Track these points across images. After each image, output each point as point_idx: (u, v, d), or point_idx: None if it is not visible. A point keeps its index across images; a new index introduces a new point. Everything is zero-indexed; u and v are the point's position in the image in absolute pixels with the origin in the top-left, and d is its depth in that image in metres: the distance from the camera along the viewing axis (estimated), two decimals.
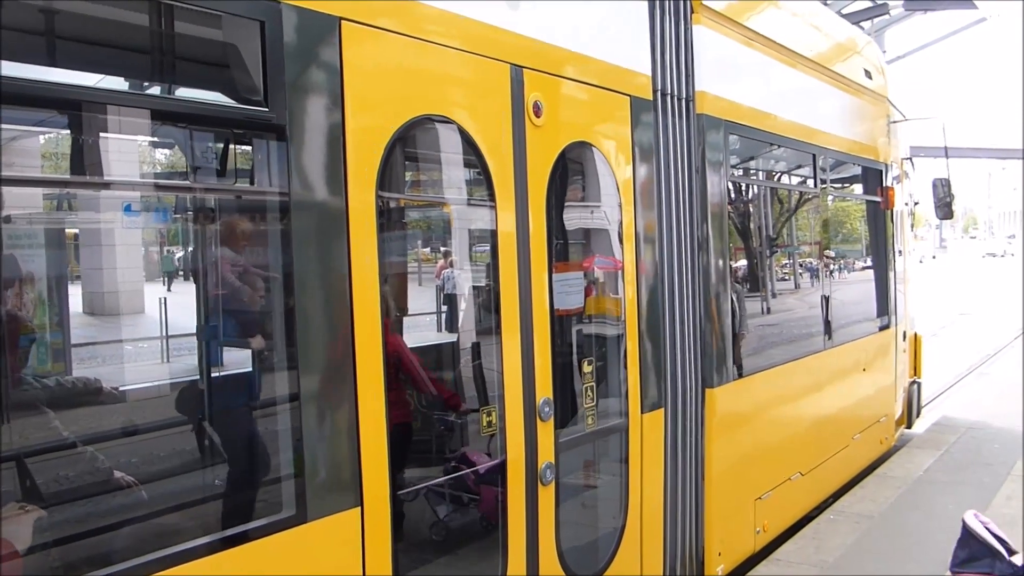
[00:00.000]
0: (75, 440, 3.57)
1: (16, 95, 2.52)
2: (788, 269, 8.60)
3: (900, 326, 10.02)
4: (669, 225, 5.45)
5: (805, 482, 7.31)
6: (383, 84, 3.52)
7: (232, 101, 3.11)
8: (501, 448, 4.06)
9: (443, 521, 4.59)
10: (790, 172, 8.49)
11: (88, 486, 3.51)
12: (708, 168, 5.81)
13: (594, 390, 4.81)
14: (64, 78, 2.88)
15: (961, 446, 9.81)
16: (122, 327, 5.53)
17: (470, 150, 3.94)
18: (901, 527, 7.21)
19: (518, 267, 4.13)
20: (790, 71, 7.27)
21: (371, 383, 3.36)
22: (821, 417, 7.79)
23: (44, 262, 4.26)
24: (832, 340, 8.18)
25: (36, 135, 3.96)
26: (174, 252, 4.99)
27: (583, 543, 4.86)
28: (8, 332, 3.43)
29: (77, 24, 2.91)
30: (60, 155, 3.92)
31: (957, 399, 13.84)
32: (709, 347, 5.83)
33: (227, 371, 4.10)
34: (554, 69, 4.43)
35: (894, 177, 9.87)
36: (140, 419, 4.19)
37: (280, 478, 3.26)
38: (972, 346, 20.03)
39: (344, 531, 3.28)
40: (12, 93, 2.48)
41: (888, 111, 9.81)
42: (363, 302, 3.33)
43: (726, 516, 6.06)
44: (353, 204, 3.30)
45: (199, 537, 2.92)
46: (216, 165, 3.22)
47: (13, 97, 2.52)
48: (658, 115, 5.35)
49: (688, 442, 5.65)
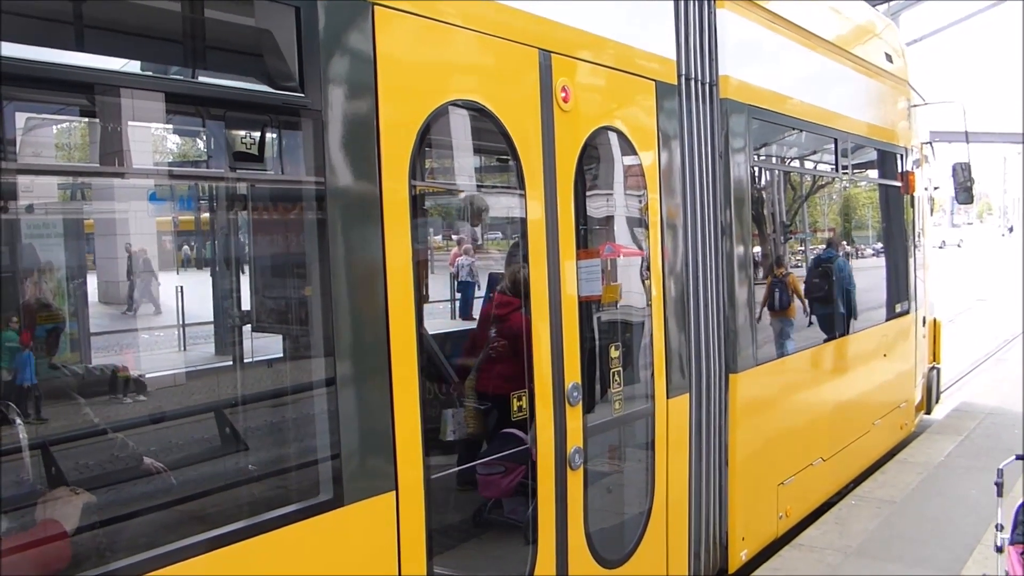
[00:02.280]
0: (106, 427, 3.62)
1: (52, 80, 2.54)
2: (809, 255, 8.58)
3: (920, 312, 9.99)
4: (693, 211, 5.44)
5: (827, 467, 7.31)
6: (415, 69, 3.52)
7: (268, 88, 3.11)
8: (531, 433, 4.08)
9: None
10: (812, 157, 8.45)
11: (120, 472, 3.55)
12: (731, 153, 5.80)
13: (621, 375, 4.82)
14: (99, 64, 2.88)
15: (982, 432, 9.78)
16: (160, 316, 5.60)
17: (500, 136, 3.95)
18: (924, 512, 7.21)
19: (547, 253, 4.13)
20: (812, 55, 7.23)
21: (405, 368, 3.37)
22: (843, 402, 7.79)
23: (64, 251, 4.31)
24: (854, 326, 8.17)
25: (71, 122, 4.00)
26: (210, 239, 5.01)
27: (610, 527, 4.88)
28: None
29: (113, 12, 2.93)
30: (90, 143, 3.95)
31: (976, 385, 13.80)
32: (732, 332, 5.83)
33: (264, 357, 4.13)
34: (581, 54, 4.43)
35: (914, 161, 9.82)
36: (181, 404, 4.24)
37: (317, 463, 3.28)
38: (989, 332, 19.94)
39: (380, 515, 3.30)
40: (48, 79, 2.50)
41: (909, 95, 9.75)
42: (397, 287, 3.34)
43: (749, 501, 6.07)
44: (387, 188, 3.31)
45: (238, 520, 2.95)
46: (253, 151, 3.23)
47: (50, 83, 2.54)
48: (682, 100, 5.33)
49: (712, 427, 5.66)
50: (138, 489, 3.54)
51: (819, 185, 8.62)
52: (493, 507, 4.64)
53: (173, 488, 3.51)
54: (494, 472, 4.43)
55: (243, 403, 4.12)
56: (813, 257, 8.43)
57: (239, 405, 4.08)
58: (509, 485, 4.37)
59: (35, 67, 2.42)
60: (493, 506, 4.64)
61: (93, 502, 2.83)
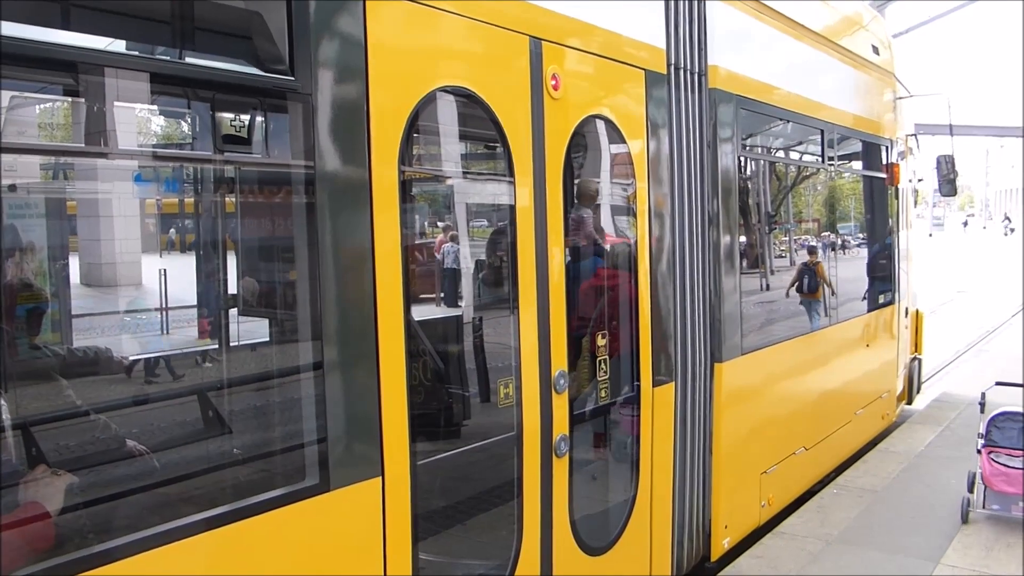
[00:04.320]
0: (88, 409, 3.59)
1: (35, 59, 2.50)
2: (794, 245, 8.62)
3: (903, 303, 10.06)
4: (681, 200, 5.45)
5: (809, 456, 7.36)
6: (406, 55, 3.50)
7: (257, 71, 3.08)
8: (517, 420, 4.08)
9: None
10: (798, 148, 8.48)
11: (102, 453, 3.53)
12: (719, 143, 5.81)
13: (607, 363, 4.83)
14: (85, 43, 2.84)
15: (962, 422, 9.85)
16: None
17: (490, 123, 3.93)
18: (905, 501, 7.28)
19: (535, 240, 4.13)
20: (799, 45, 7.24)
21: (393, 354, 3.37)
22: (825, 392, 7.84)
23: (45, 233, 4.26)
24: (837, 316, 8.23)
25: (56, 102, 3.95)
26: (196, 222, 4.98)
27: (594, 515, 4.89)
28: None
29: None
30: (75, 123, 3.90)
31: (957, 376, 13.92)
32: (718, 322, 5.85)
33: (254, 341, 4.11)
34: (572, 42, 4.41)
35: (899, 153, 9.86)
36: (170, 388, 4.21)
37: (303, 447, 3.27)
38: (971, 323, 20.11)
39: (366, 500, 3.30)
40: (30, 57, 2.47)
41: (895, 87, 9.78)
42: (385, 273, 3.33)
43: (733, 489, 6.11)
44: (376, 173, 3.29)
45: (223, 505, 2.94)
46: (242, 134, 3.20)
47: (31, 61, 2.50)
48: (671, 89, 5.33)
49: (697, 416, 5.69)
50: (120, 471, 3.52)
51: (805, 176, 8.64)
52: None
53: (156, 471, 3.49)
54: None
55: (228, 387, 4.10)
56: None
57: (223, 388, 4.06)
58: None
59: (19, 45, 2.39)
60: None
61: (75, 483, 2.80)
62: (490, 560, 4.28)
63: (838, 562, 6.01)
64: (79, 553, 2.55)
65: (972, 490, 6.80)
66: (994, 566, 5.92)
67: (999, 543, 6.30)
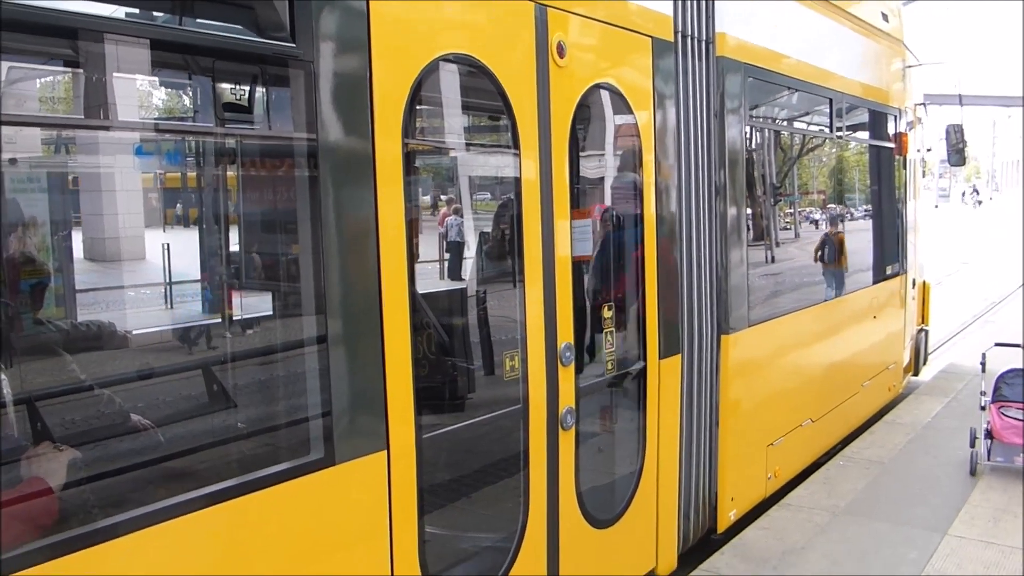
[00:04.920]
0: (92, 383, 3.56)
1: (35, 25, 2.44)
2: (801, 217, 8.57)
3: (910, 274, 10.00)
4: (688, 170, 5.39)
5: (815, 428, 7.34)
6: (408, 22, 3.43)
7: (258, 38, 3.02)
8: (523, 393, 4.05)
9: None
10: (806, 116, 8.39)
11: (106, 428, 3.51)
12: (727, 112, 5.73)
13: (614, 335, 4.80)
14: (77, 7, 2.77)
15: (968, 392, 9.81)
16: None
17: (495, 92, 3.87)
18: (911, 472, 7.28)
19: (541, 212, 4.08)
20: (808, 12, 7.14)
21: (398, 327, 3.33)
22: (832, 364, 7.81)
23: (47, 207, 4.22)
24: (845, 287, 8.18)
25: (49, 74, 3.88)
26: (197, 195, 4.93)
27: (601, 487, 4.88)
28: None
29: None
30: (75, 96, 3.85)
31: (962, 347, 13.87)
32: (725, 293, 5.80)
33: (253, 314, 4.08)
34: (577, 9, 4.33)
35: (908, 123, 9.76)
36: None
37: (308, 421, 3.25)
38: (976, 294, 20.05)
39: (371, 474, 3.28)
40: (31, 23, 2.41)
41: (904, 55, 9.66)
42: (389, 246, 3.29)
43: (739, 462, 6.09)
44: (379, 145, 3.24)
45: (229, 479, 2.92)
46: (243, 103, 3.15)
47: (33, 27, 2.45)
48: (678, 57, 5.25)
49: (704, 388, 5.66)
50: (125, 446, 3.50)
51: (813, 146, 8.56)
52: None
53: (161, 445, 3.47)
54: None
55: (232, 360, 4.07)
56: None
57: (228, 363, 4.03)
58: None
59: (19, 11, 2.33)
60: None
61: (79, 458, 2.79)
62: (496, 533, 4.28)
63: (845, 533, 6.01)
64: (83, 528, 2.54)
65: (974, 445, 7.18)
66: (1001, 536, 5.91)
67: (1007, 513, 6.29)
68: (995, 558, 5.60)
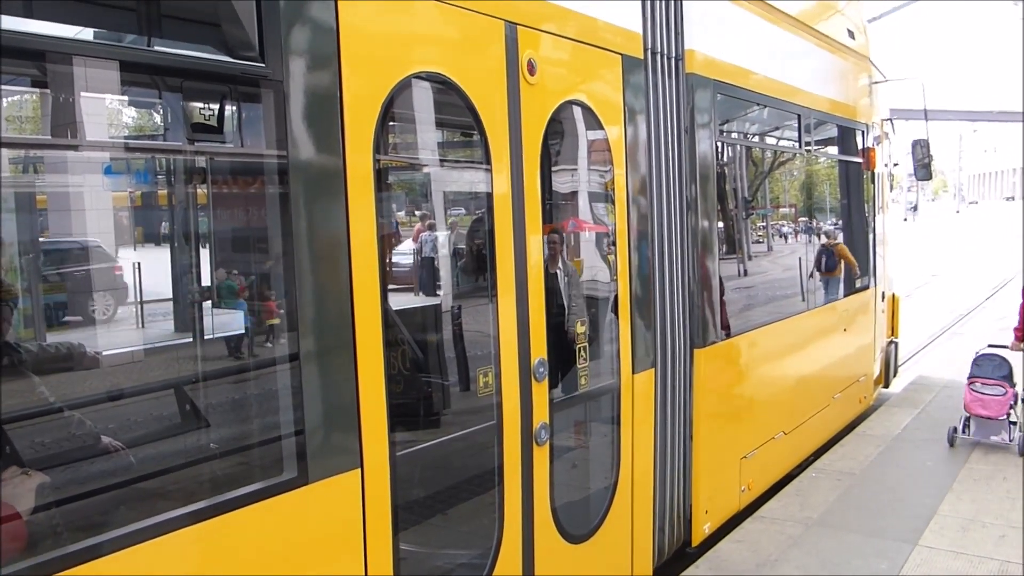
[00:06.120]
0: (62, 405, 3.52)
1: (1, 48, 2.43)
2: (772, 231, 8.65)
3: (879, 287, 10.12)
4: (659, 186, 5.43)
5: (788, 441, 7.40)
6: (379, 40, 3.44)
7: (227, 57, 3.02)
8: (498, 409, 4.06)
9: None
10: (776, 132, 8.49)
11: (77, 450, 3.47)
12: (697, 128, 5.79)
13: (587, 351, 4.81)
14: (48, 30, 2.76)
15: (937, 404, 9.96)
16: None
17: (466, 110, 3.89)
18: (882, 484, 7.33)
19: (513, 227, 4.09)
20: (776, 30, 7.23)
21: (370, 344, 3.33)
22: (804, 377, 7.88)
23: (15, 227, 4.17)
24: (815, 301, 8.26)
25: (16, 93, 3.85)
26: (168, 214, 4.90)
27: (576, 502, 4.88)
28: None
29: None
30: (43, 115, 3.82)
31: (932, 359, 14.03)
32: (697, 308, 5.84)
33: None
34: (548, 27, 4.37)
35: (875, 138, 9.90)
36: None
37: (280, 440, 3.23)
38: (945, 306, 20.29)
39: (345, 493, 3.26)
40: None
41: (870, 71, 9.81)
42: (361, 262, 3.29)
43: (713, 475, 6.12)
44: (351, 161, 3.24)
45: (201, 500, 2.90)
46: (212, 123, 3.14)
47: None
48: (648, 74, 5.30)
49: (677, 402, 5.69)
50: (96, 468, 3.46)
51: (782, 161, 8.66)
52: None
53: (132, 467, 3.43)
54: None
55: (204, 380, 4.04)
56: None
57: (200, 382, 4.00)
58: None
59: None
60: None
61: (47, 483, 2.75)
62: (472, 550, 4.26)
63: (817, 545, 6.04)
64: (54, 553, 2.51)
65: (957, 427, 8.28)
66: (969, 546, 5.98)
67: (975, 523, 6.36)
68: (964, 568, 5.66)
